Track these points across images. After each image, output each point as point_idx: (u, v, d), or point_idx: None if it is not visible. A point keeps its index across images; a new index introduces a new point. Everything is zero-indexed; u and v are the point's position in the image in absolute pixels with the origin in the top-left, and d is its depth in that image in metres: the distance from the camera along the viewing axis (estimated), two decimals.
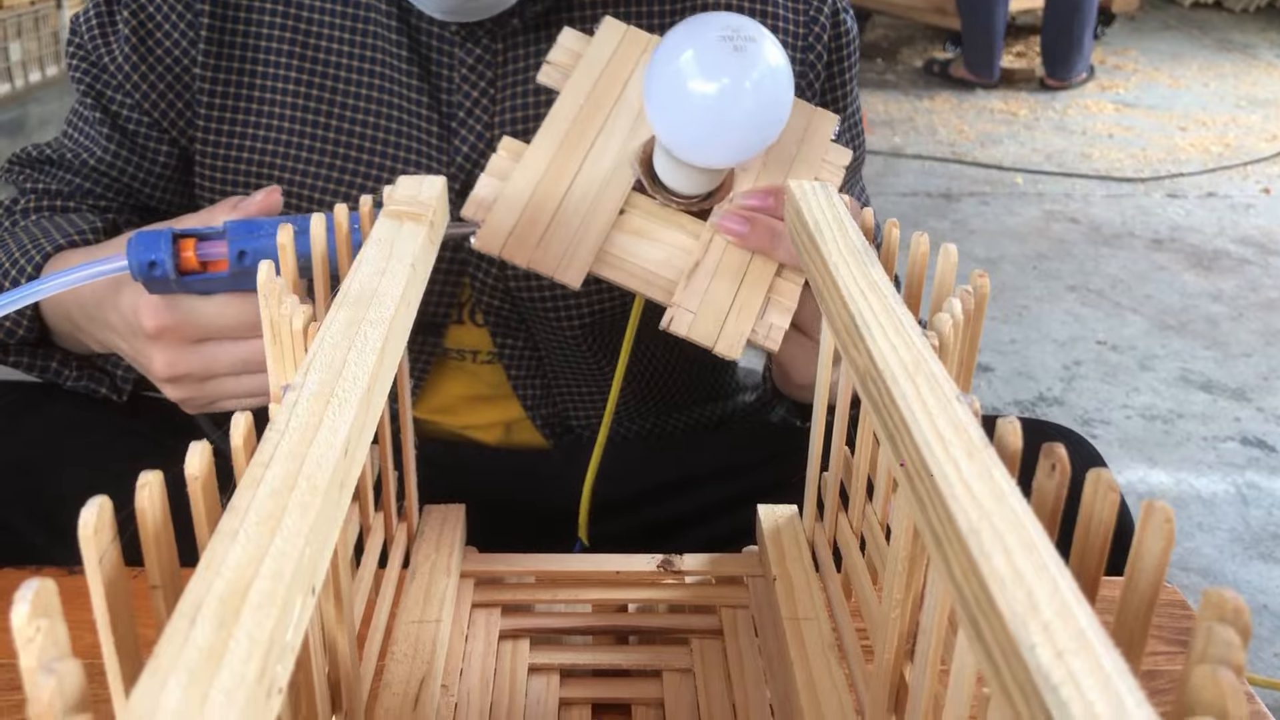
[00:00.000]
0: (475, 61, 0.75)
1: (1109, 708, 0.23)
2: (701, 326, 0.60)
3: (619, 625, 0.60)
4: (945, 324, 0.42)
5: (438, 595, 0.57)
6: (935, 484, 0.31)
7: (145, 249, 0.58)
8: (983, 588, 0.27)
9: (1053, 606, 0.26)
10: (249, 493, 0.29)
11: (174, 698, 0.23)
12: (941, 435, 0.33)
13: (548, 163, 0.63)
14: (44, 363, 0.77)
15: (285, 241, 0.47)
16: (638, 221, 0.63)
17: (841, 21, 0.80)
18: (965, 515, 0.29)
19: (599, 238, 0.62)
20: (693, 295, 0.61)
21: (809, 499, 0.61)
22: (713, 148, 0.58)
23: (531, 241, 0.61)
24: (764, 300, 0.61)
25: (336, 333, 0.38)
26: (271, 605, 0.25)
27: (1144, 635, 0.30)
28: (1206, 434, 2.00)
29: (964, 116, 3.90)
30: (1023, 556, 0.28)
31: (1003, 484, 0.31)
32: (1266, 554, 1.68)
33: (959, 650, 0.37)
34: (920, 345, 0.39)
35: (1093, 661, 0.24)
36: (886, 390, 0.36)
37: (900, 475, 0.35)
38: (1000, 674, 0.26)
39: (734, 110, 0.57)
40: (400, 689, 0.50)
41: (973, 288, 0.45)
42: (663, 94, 0.57)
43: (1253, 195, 3.20)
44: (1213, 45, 4.97)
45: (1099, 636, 0.25)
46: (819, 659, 0.52)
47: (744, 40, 0.57)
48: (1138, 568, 0.29)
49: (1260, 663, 1.46)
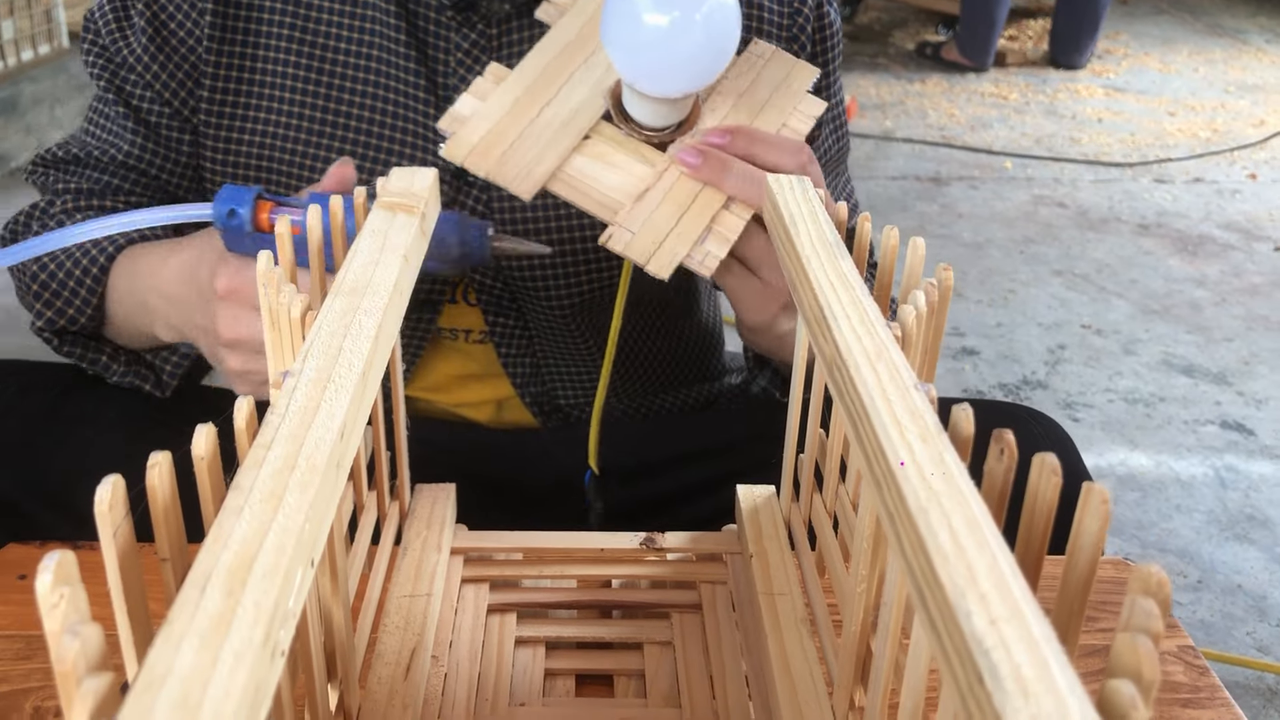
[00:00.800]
0: (471, 46, 0.77)
1: (1035, 669, 0.25)
2: (638, 245, 0.63)
3: (603, 600, 0.62)
4: (909, 315, 0.44)
5: (428, 570, 0.59)
6: (889, 466, 0.33)
7: (230, 200, 0.63)
8: (928, 562, 0.29)
9: (990, 579, 0.28)
10: (252, 472, 0.31)
11: (187, 659, 0.25)
12: (899, 420, 0.35)
13: (525, 88, 0.67)
14: (95, 355, 0.79)
15: (283, 231, 0.49)
16: (600, 147, 0.66)
17: (825, 14, 0.82)
18: (915, 495, 0.32)
19: (559, 157, 0.65)
20: (636, 217, 0.64)
21: (785, 480, 0.63)
22: (666, 79, 0.62)
23: (495, 155, 0.64)
24: (705, 229, 0.64)
25: (333, 321, 0.41)
26: (275, 575, 0.28)
27: (1083, 605, 0.32)
28: (1187, 417, 2.03)
29: (955, 100, 3.92)
30: (966, 534, 0.30)
31: (952, 466, 0.33)
32: (1242, 535, 1.71)
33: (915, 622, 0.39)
34: (883, 335, 0.41)
35: (1023, 629, 0.26)
36: (850, 378, 0.39)
37: (859, 454, 0.37)
38: (941, 641, 0.28)
39: (684, 41, 0.60)
40: (392, 659, 0.53)
41: (937, 280, 0.47)
42: (618, 26, 0.61)
43: (1239, 181, 3.22)
44: (1203, 30, 4.99)
45: (1031, 607, 0.27)
46: (792, 633, 0.55)
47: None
48: (1077, 545, 0.32)
49: (1234, 641, 1.50)
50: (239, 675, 0.25)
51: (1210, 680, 0.60)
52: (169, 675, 0.24)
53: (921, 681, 0.39)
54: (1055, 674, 0.25)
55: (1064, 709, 0.24)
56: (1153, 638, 0.26)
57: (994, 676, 0.25)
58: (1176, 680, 0.60)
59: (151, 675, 0.24)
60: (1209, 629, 1.52)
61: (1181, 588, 1.59)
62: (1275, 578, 1.62)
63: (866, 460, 0.36)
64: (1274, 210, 3.00)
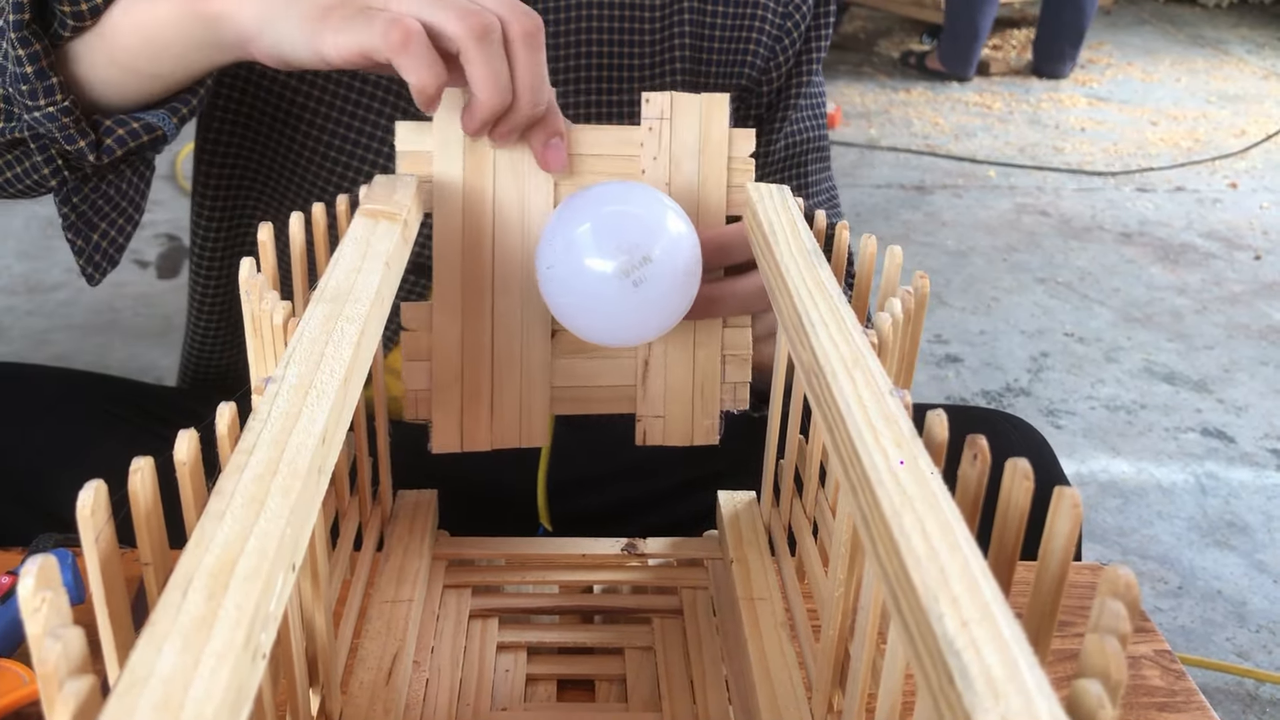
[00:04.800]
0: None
1: (1004, 670, 0.26)
2: (675, 430, 0.62)
3: (584, 605, 0.62)
4: (885, 323, 0.45)
5: (410, 576, 0.59)
6: (864, 471, 0.34)
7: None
8: (901, 565, 0.30)
9: (963, 582, 0.29)
10: (234, 477, 0.32)
11: (169, 661, 0.25)
12: (874, 426, 0.36)
13: (459, 322, 0.59)
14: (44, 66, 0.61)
15: (265, 239, 0.49)
16: (572, 338, 0.61)
17: None
18: (890, 499, 0.32)
19: (545, 385, 0.61)
20: (653, 399, 0.61)
21: (765, 485, 0.64)
22: (609, 338, 0.58)
23: (485, 421, 0.61)
24: (720, 364, 0.62)
25: (315, 327, 0.41)
26: (256, 579, 0.28)
27: (1055, 607, 0.33)
28: (1168, 425, 2.04)
29: (939, 109, 3.93)
30: (939, 537, 0.30)
31: (925, 470, 0.33)
32: (1222, 542, 1.72)
33: (891, 626, 0.40)
34: (860, 342, 0.42)
35: (993, 630, 0.27)
36: (826, 384, 0.39)
37: (835, 460, 0.38)
38: (915, 643, 0.29)
39: (636, 332, 0.57)
40: (374, 664, 0.53)
41: (914, 288, 0.48)
42: (565, 309, 0.56)
43: (1220, 190, 3.24)
44: (1185, 40, 5.02)
45: (1002, 609, 0.28)
46: (772, 637, 0.55)
47: (640, 270, 0.54)
48: (1049, 547, 0.32)
49: (1214, 646, 1.51)
50: (220, 677, 0.25)
51: (1187, 684, 0.60)
52: (151, 676, 0.24)
53: (898, 685, 0.40)
54: (1025, 674, 0.25)
55: (1032, 709, 0.24)
56: (1120, 639, 0.26)
57: (964, 677, 0.25)
58: (1153, 684, 0.60)
59: (134, 677, 0.24)
60: (1189, 635, 1.53)
61: (1162, 593, 1.60)
62: (1255, 584, 1.63)
63: (842, 465, 0.37)
64: (1254, 219, 3.02)
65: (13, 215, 2.62)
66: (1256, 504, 1.82)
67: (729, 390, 0.62)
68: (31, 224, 2.58)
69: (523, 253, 0.59)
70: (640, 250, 0.53)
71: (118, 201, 0.69)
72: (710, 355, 0.62)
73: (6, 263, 2.40)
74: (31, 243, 2.50)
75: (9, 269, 2.38)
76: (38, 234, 2.53)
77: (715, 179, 0.61)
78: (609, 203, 0.55)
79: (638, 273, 0.53)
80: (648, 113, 0.60)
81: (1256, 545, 1.72)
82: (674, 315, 0.56)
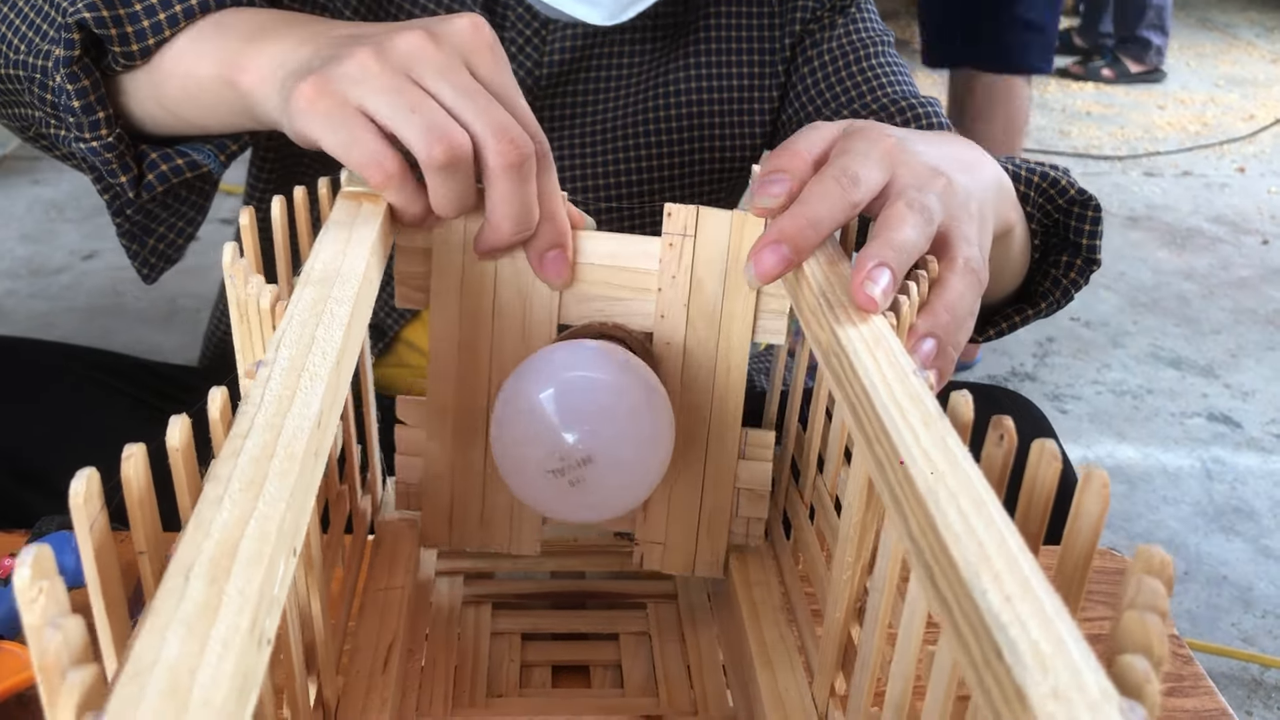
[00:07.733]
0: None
1: (1051, 645, 0.26)
2: (675, 559, 0.58)
3: (578, 591, 0.62)
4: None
5: (403, 563, 0.59)
6: (894, 448, 0.34)
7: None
8: (938, 540, 0.30)
9: (1002, 557, 0.29)
10: (230, 462, 0.31)
11: (174, 648, 0.24)
12: (900, 404, 0.36)
13: (451, 423, 0.56)
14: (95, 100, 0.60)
15: (247, 223, 0.48)
16: None
17: None
18: (924, 477, 0.32)
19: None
20: (654, 525, 0.57)
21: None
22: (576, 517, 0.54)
23: (474, 520, 0.58)
24: (733, 498, 0.57)
25: (304, 310, 0.40)
26: (259, 563, 0.27)
27: (1081, 586, 0.33)
28: (1174, 410, 2.03)
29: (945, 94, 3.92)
30: (974, 514, 0.30)
31: (955, 449, 0.33)
32: (1228, 527, 1.71)
33: (907, 608, 0.39)
34: (879, 323, 0.42)
35: (1036, 605, 0.27)
36: (849, 364, 0.39)
37: (859, 439, 0.38)
38: (954, 616, 0.29)
39: (584, 519, 0.53)
40: (370, 652, 0.53)
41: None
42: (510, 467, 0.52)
43: (1228, 174, 3.23)
44: (1194, 24, 4.99)
45: (1041, 584, 0.28)
46: (770, 621, 0.55)
47: (578, 470, 0.50)
48: (1076, 527, 0.32)
49: (1219, 632, 1.50)
50: (227, 663, 0.24)
51: (1194, 669, 0.60)
52: (156, 664, 0.24)
53: (910, 667, 0.39)
54: (1071, 649, 0.25)
55: (1081, 682, 0.24)
56: (1159, 615, 0.26)
57: (1013, 651, 0.25)
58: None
59: (139, 664, 0.24)
60: (1195, 619, 1.52)
61: None
62: (1260, 569, 1.62)
63: (868, 444, 0.37)
64: (1262, 204, 3.01)
65: (15, 198, 2.62)
66: (1263, 489, 1.81)
67: (741, 524, 0.58)
68: (34, 207, 2.58)
69: (521, 359, 0.53)
70: (579, 451, 0.49)
71: (175, 208, 0.68)
72: (720, 488, 0.57)
73: (9, 246, 2.40)
74: (34, 226, 2.49)
75: (11, 252, 2.37)
76: (40, 217, 2.53)
77: (742, 306, 0.54)
78: (556, 381, 0.49)
79: (574, 473, 0.49)
80: (669, 227, 0.53)
81: (1262, 530, 1.71)
82: (630, 504, 0.52)
